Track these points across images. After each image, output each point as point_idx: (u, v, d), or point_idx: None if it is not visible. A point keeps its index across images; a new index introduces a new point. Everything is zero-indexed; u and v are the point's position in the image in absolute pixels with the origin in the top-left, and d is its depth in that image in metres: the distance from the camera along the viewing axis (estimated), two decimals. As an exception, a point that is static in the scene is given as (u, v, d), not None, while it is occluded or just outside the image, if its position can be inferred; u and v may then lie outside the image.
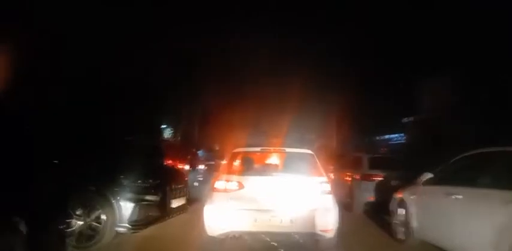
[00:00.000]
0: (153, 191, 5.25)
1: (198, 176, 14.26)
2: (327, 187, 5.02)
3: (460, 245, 4.12)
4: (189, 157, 12.21)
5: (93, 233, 4.84)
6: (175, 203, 5.79)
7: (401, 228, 5.52)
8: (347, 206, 8.50)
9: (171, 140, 20.43)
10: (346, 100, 19.53)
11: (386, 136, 18.97)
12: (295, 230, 4.79)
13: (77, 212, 4.92)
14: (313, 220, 4.69)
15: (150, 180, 5.30)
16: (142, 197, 5.11)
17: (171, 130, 23.15)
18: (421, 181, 5.14)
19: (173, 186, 5.75)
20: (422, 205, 5.08)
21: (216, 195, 4.96)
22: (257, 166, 5.77)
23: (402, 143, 17.23)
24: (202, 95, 19.27)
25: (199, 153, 15.36)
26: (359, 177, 8.09)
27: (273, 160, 5.90)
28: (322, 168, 5.27)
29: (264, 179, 5.09)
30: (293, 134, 17.27)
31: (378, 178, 7.83)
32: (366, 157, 8.39)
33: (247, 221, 4.71)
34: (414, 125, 14.96)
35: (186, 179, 6.81)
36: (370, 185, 7.80)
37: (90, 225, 4.90)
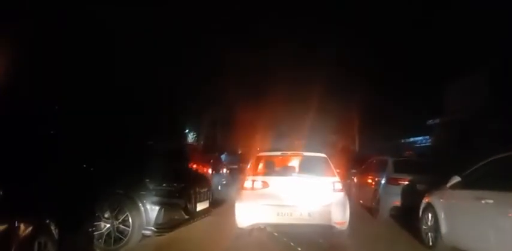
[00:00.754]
0: (177, 194, 5.34)
1: (222, 180, 14.37)
2: (339, 185, 5.73)
3: (491, 251, 3.98)
4: (211, 161, 12.35)
5: (120, 236, 4.94)
6: (200, 207, 5.86)
7: (430, 234, 5.37)
8: (372, 211, 8.36)
9: (194, 144, 20.69)
10: (369, 102, 19.30)
11: (411, 139, 18.53)
12: (312, 223, 5.43)
13: (105, 215, 5.04)
14: (328, 214, 5.42)
15: (175, 184, 5.39)
16: (168, 200, 5.19)
17: (194, 134, 23.45)
18: (449, 184, 4.99)
19: (197, 190, 5.82)
20: (451, 209, 4.94)
21: (244, 193, 5.71)
22: (278, 168, 6.37)
23: (428, 145, 16.79)
24: (225, 99, 19.41)
25: (222, 157, 15.48)
26: (384, 181, 7.93)
27: (292, 162, 6.49)
28: (334, 169, 6.00)
29: (285, 179, 5.86)
30: (314, 137, 17.20)
31: (404, 182, 7.64)
32: (391, 160, 8.22)
33: (271, 214, 5.43)
34: (440, 127, 14.53)
35: (209, 183, 6.87)
36: (396, 189, 7.62)
37: (117, 228, 5.00)
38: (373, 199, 8.30)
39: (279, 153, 6.58)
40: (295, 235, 5.78)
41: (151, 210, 5.04)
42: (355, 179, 10.39)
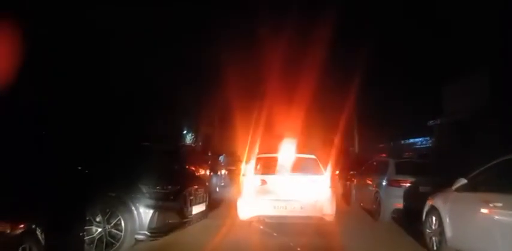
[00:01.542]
0: (172, 197, 5.14)
1: (220, 182, 14.18)
2: (327, 182, 6.60)
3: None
4: (209, 162, 12.15)
5: (112, 241, 4.75)
6: (196, 210, 5.65)
7: (434, 238, 5.18)
8: (373, 214, 8.18)
9: (192, 146, 20.46)
10: (368, 103, 19.11)
11: (411, 140, 18.35)
12: (304, 215, 6.29)
13: (97, 219, 4.85)
14: (317, 207, 6.27)
15: (170, 186, 5.19)
16: (162, 203, 4.99)
17: (192, 135, 23.22)
18: (454, 187, 4.80)
19: (193, 192, 5.61)
20: (456, 212, 4.75)
21: (245, 189, 6.55)
22: (275, 167, 6.97)
23: (428, 147, 16.61)
24: (222, 100, 19.22)
25: (221, 158, 15.28)
26: (386, 182, 7.75)
27: (287, 162, 7.04)
28: (323, 168, 6.88)
29: (280, 177, 6.70)
30: (312, 138, 17.04)
31: (406, 184, 7.46)
32: (393, 162, 8.03)
33: (269, 207, 6.27)
34: (441, 128, 14.34)
35: (206, 184, 6.67)
36: (398, 191, 7.43)
37: (109, 232, 4.81)
38: (374, 201, 8.11)
39: (275, 154, 7.29)
40: (295, 238, 5.72)
41: (144, 213, 4.85)
42: (354, 181, 10.19)
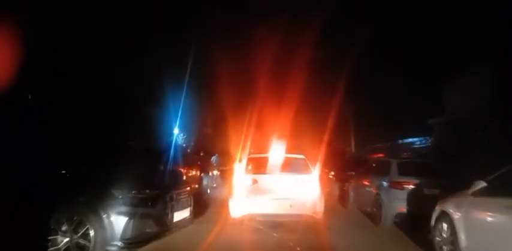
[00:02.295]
0: (150, 203, 4.52)
1: (212, 183, 13.59)
2: (315, 182, 6.76)
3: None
4: (199, 162, 11.55)
5: (80, 253, 4.14)
6: (178, 216, 5.02)
7: (445, 247, 4.62)
8: (373, 218, 7.61)
9: (184, 146, 19.86)
10: (366, 101, 18.63)
11: (410, 140, 17.85)
12: (294, 212, 6.41)
13: (62, 228, 4.24)
14: (306, 205, 6.43)
15: (148, 190, 4.57)
16: (138, 210, 4.37)
17: (184, 135, 22.57)
18: (471, 191, 4.24)
19: (175, 196, 4.98)
20: (473, 220, 4.17)
21: (237, 188, 6.69)
22: (266, 167, 7.05)
23: (427, 146, 16.11)
24: (215, 100, 18.67)
25: (213, 158, 14.70)
26: (387, 184, 7.17)
27: (277, 162, 7.08)
28: (312, 168, 7.02)
29: (271, 177, 6.81)
30: (305, 138, 16.57)
31: (410, 186, 6.90)
32: (395, 162, 7.45)
33: (260, 206, 6.40)
34: (441, 127, 13.85)
35: (191, 187, 6.05)
36: (401, 194, 6.86)
37: (77, 243, 4.22)
38: (374, 204, 7.54)
39: (266, 155, 7.42)
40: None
41: (117, 222, 4.24)
42: (352, 182, 9.61)
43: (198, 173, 11.97)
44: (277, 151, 7.48)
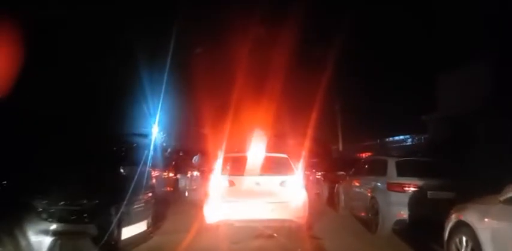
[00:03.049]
0: (86, 216, 3.43)
1: (191, 184, 12.58)
2: (299, 183, 6.25)
3: None
4: (173, 163, 10.46)
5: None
6: (129, 232, 3.94)
7: (465, 265, 3.69)
8: (368, 224, 6.68)
9: (164, 145, 18.78)
10: (354, 99, 17.95)
11: (401, 137, 17.12)
12: (275, 217, 5.82)
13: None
14: (288, 210, 5.87)
15: (84, 200, 3.49)
16: (68, 227, 3.30)
17: (163, 134, 21.47)
18: (502, 197, 3.30)
19: (125, 207, 3.88)
20: (506, 233, 3.25)
21: (212, 191, 6.11)
22: (244, 168, 6.42)
23: (418, 144, 15.39)
24: (195, 98, 17.70)
25: (195, 158, 13.71)
26: (384, 186, 6.24)
27: (257, 162, 6.50)
28: (295, 168, 6.48)
29: (250, 178, 6.21)
30: (288, 136, 15.84)
31: (411, 188, 5.98)
32: (393, 161, 6.49)
33: (237, 210, 5.83)
34: (437, 123, 13.10)
35: (151, 193, 4.96)
36: (401, 198, 5.94)
37: (-17, 273, 3.12)
38: (370, 209, 6.61)
39: (244, 153, 6.74)
40: None
41: (38, 243, 3.16)
42: (343, 184, 8.66)
43: (173, 174, 10.88)
44: (257, 149, 6.73)
